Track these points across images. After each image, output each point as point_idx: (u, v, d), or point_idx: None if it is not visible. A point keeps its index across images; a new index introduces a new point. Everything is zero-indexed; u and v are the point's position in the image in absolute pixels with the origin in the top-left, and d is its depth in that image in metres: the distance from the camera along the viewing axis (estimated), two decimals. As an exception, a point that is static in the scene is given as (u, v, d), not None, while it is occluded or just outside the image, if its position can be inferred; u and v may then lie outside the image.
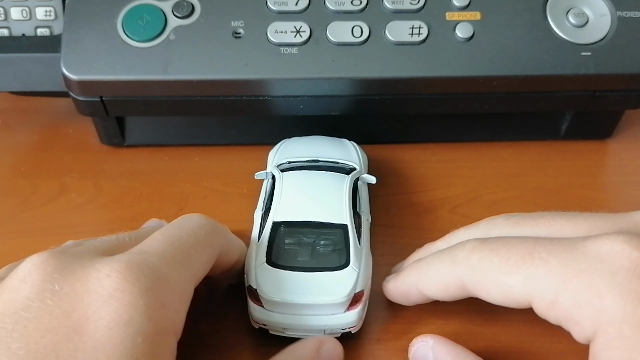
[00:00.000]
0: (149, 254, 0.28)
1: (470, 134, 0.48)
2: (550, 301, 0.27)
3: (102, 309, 0.25)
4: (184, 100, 0.42)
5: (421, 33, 0.41)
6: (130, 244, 0.30)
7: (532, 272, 0.27)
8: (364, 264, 0.34)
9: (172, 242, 0.29)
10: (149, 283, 0.26)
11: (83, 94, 0.42)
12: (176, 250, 0.29)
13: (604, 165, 0.47)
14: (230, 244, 0.34)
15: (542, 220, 0.32)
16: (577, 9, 0.42)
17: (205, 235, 0.31)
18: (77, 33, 0.41)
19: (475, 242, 0.30)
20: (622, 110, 0.47)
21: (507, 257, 0.28)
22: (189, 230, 0.31)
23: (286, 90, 0.42)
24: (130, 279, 0.26)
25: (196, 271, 0.30)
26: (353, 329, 0.34)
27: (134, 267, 0.26)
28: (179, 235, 0.30)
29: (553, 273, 0.27)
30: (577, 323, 0.27)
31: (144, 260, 0.27)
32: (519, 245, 0.29)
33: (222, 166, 0.46)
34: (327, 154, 0.40)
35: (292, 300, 0.32)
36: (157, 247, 0.29)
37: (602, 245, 0.27)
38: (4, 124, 0.51)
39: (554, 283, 0.27)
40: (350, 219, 0.35)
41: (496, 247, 0.29)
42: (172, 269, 0.28)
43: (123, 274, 0.26)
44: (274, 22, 0.41)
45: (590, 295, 0.26)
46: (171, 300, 0.27)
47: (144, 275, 0.26)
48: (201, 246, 0.30)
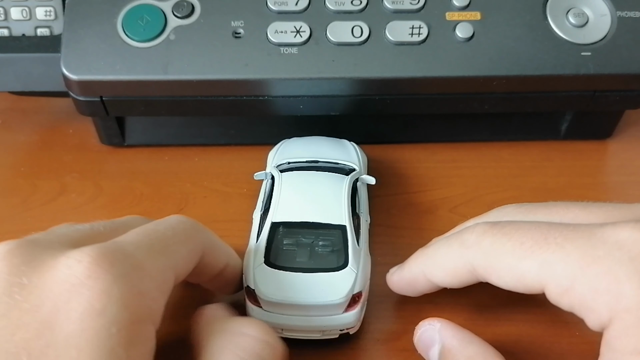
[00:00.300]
0: (123, 242, 0.27)
1: (470, 134, 0.48)
2: (566, 287, 0.26)
3: (73, 300, 0.24)
4: (184, 100, 0.42)
5: (421, 33, 0.41)
6: (104, 235, 0.29)
7: (548, 257, 0.27)
8: (362, 264, 0.34)
9: (148, 234, 0.28)
10: (123, 269, 0.25)
11: (83, 94, 0.42)
12: (153, 241, 0.28)
13: (604, 165, 0.47)
14: (215, 245, 0.32)
15: (556, 208, 0.31)
16: (577, 9, 0.42)
17: (184, 230, 0.30)
18: (77, 33, 0.41)
19: (485, 226, 0.30)
20: (622, 110, 0.47)
21: (521, 242, 0.28)
22: (167, 225, 0.30)
23: (286, 90, 0.42)
24: (103, 265, 0.24)
25: (175, 261, 0.28)
26: (351, 330, 0.34)
27: (108, 253, 0.25)
28: (156, 229, 0.29)
29: (570, 259, 0.26)
30: (592, 310, 0.26)
31: (118, 247, 0.26)
32: (533, 230, 0.28)
33: (222, 166, 0.46)
34: (327, 154, 0.40)
35: (290, 301, 0.32)
36: (133, 237, 0.28)
37: (621, 232, 0.26)
38: (4, 124, 0.51)
39: (571, 269, 0.26)
40: (349, 220, 0.35)
41: (509, 231, 0.29)
42: (149, 256, 0.27)
43: (96, 259, 0.25)
44: (274, 22, 0.41)
45: (608, 281, 0.25)
46: (148, 287, 0.26)
47: (118, 261, 0.25)
48: (180, 239, 0.29)
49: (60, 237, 0.28)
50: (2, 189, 0.45)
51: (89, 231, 0.29)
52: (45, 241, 0.27)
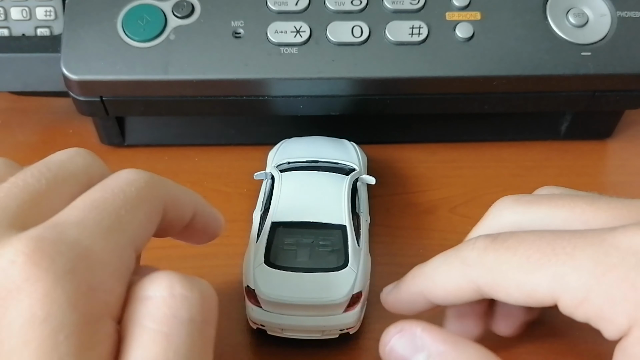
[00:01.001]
0: (65, 225, 0.22)
1: (470, 134, 0.48)
2: (581, 299, 0.25)
3: (12, 308, 0.20)
4: (184, 100, 0.42)
5: (421, 33, 0.41)
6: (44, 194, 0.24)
7: (559, 269, 0.25)
8: (362, 264, 0.34)
9: (95, 206, 0.24)
10: (67, 264, 0.21)
11: (83, 94, 0.42)
12: (101, 215, 0.23)
13: (604, 165, 0.47)
14: (177, 196, 0.28)
15: (561, 202, 0.29)
16: (577, 9, 0.42)
17: (137, 190, 0.25)
18: (77, 33, 0.41)
19: (485, 241, 0.28)
20: (622, 110, 0.47)
21: (527, 255, 0.26)
22: (115, 189, 0.25)
23: (286, 90, 0.42)
24: (42, 264, 0.21)
25: (132, 233, 0.24)
26: (351, 330, 0.34)
27: (47, 245, 0.21)
28: (103, 198, 0.24)
29: (583, 269, 0.25)
30: (610, 320, 0.25)
31: (60, 235, 0.22)
32: (538, 241, 0.26)
33: (222, 166, 0.46)
34: (327, 154, 0.40)
35: (290, 301, 0.32)
36: (76, 215, 0.23)
37: (634, 236, 0.25)
38: (4, 124, 0.51)
39: (585, 279, 0.25)
40: (349, 220, 0.35)
41: (512, 245, 0.27)
42: (98, 237, 0.23)
43: (32, 257, 0.21)
44: (274, 22, 0.41)
45: (625, 289, 0.24)
46: (100, 277, 0.22)
47: (59, 255, 0.21)
48: (134, 204, 0.25)
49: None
50: (2, 189, 0.45)
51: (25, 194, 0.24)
52: None
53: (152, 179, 0.26)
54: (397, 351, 0.26)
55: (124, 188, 0.25)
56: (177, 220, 0.28)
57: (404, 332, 0.26)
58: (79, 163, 0.27)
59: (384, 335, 0.27)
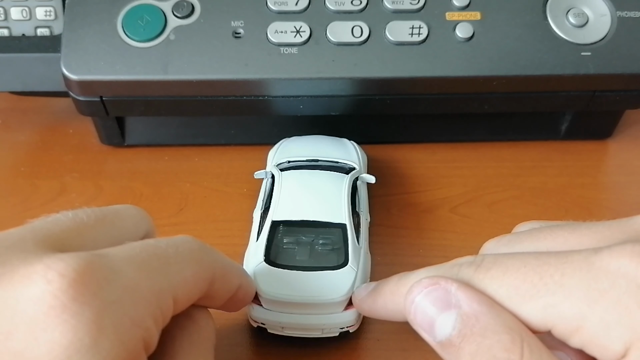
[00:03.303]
0: (114, 256, 0.22)
1: (470, 134, 0.48)
2: (575, 327, 0.24)
3: (54, 328, 0.19)
4: (184, 100, 0.42)
5: (421, 33, 0.41)
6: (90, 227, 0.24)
7: (549, 300, 0.24)
8: (362, 263, 0.34)
9: (145, 249, 0.24)
10: (114, 293, 0.20)
11: (83, 94, 0.42)
12: (150, 257, 0.23)
13: (604, 165, 0.47)
14: (226, 268, 0.28)
15: (542, 234, 0.28)
16: (577, 9, 0.42)
17: (190, 250, 0.25)
18: (77, 33, 0.41)
19: (469, 269, 0.25)
20: (622, 110, 0.47)
21: (515, 286, 0.24)
22: (169, 243, 0.25)
23: (286, 90, 0.42)
24: (90, 286, 0.20)
25: (176, 284, 0.24)
26: (351, 328, 0.34)
27: (96, 269, 0.20)
28: (156, 245, 0.24)
29: (574, 297, 0.24)
30: (605, 347, 0.24)
31: (108, 263, 0.21)
32: (523, 269, 0.24)
33: (222, 166, 0.46)
34: (327, 153, 0.40)
35: (290, 299, 0.32)
36: (126, 252, 0.23)
37: (620, 258, 0.24)
38: (4, 124, 0.51)
39: (578, 308, 0.23)
40: (349, 219, 0.35)
41: (496, 275, 0.25)
42: (144, 275, 0.22)
43: (82, 276, 0.20)
44: (274, 22, 0.41)
45: (619, 314, 0.23)
46: (142, 314, 0.21)
47: (107, 282, 0.20)
48: (184, 259, 0.25)
49: (37, 231, 0.23)
50: (2, 189, 0.45)
51: (71, 222, 0.24)
52: (15, 238, 0.22)
53: (206, 247, 0.27)
54: (425, 307, 0.25)
55: (178, 244, 0.25)
56: (224, 291, 0.28)
57: (436, 287, 0.25)
58: (132, 214, 0.27)
59: (414, 287, 0.25)
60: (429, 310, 0.25)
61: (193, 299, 0.25)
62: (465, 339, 0.24)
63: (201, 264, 0.26)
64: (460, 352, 0.24)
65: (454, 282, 0.24)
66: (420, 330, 0.25)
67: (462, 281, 0.25)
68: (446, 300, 0.24)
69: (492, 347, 0.23)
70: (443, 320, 0.24)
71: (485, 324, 0.24)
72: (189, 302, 0.25)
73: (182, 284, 0.24)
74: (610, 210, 0.43)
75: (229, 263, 0.29)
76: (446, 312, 0.24)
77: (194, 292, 0.25)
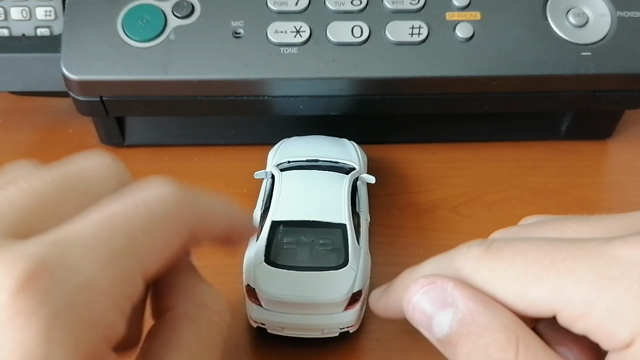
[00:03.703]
0: (70, 243, 0.20)
1: (470, 134, 0.48)
2: (581, 312, 0.24)
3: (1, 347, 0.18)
4: (184, 100, 0.42)
5: (421, 33, 0.41)
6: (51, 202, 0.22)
7: (559, 283, 0.24)
8: (362, 263, 0.34)
9: (109, 223, 0.21)
10: (66, 296, 0.19)
11: (83, 94, 0.42)
12: (113, 235, 0.21)
13: (604, 165, 0.47)
14: (210, 211, 0.26)
15: (551, 226, 0.28)
16: (577, 9, 0.42)
17: (163, 209, 0.23)
18: (77, 33, 0.41)
19: (478, 250, 0.26)
20: (622, 110, 0.47)
21: (525, 267, 0.24)
22: (138, 204, 0.22)
23: (286, 90, 0.42)
24: (37, 295, 0.18)
25: (144, 259, 0.22)
26: (351, 329, 0.34)
27: (45, 272, 0.19)
28: (122, 213, 0.22)
29: (584, 282, 0.24)
30: (611, 334, 0.24)
31: (60, 257, 0.19)
32: (535, 252, 0.25)
33: (222, 166, 0.46)
34: (327, 153, 0.40)
35: (290, 300, 0.32)
36: (85, 232, 0.21)
37: (633, 248, 0.24)
38: (4, 124, 0.51)
39: (587, 293, 0.23)
40: (349, 219, 0.35)
41: (507, 256, 0.25)
42: (104, 263, 0.20)
43: (27, 287, 0.18)
44: (274, 22, 0.41)
45: (628, 302, 0.23)
46: (102, 312, 0.20)
47: (57, 285, 0.19)
48: (155, 225, 0.22)
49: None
50: (2, 189, 0.45)
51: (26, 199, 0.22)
52: None
53: (184, 197, 0.24)
54: (423, 306, 0.25)
55: (149, 204, 0.22)
56: (207, 238, 0.26)
57: (433, 286, 0.25)
58: (99, 170, 0.24)
59: (411, 287, 0.25)
60: (427, 309, 0.25)
61: (166, 262, 0.23)
62: (462, 338, 0.24)
63: (177, 223, 0.23)
64: (457, 350, 0.24)
65: (450, 281, 0.25)
66: (419, 327, 0.25)
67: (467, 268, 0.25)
68: (443, 299, 0.24)
69: (488, 347, 0.23)
70: (440, 318, 0.24)
71: (481, 323, 0.24)
72: (162, 266, 0.23)
73: (151, 256, 0.22)
74: (610, 210, 0.42)
75: (214, 206, 0.26)
76: (443, 311, 0.24)
77: (167, 256, 0.23)
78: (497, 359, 0.23)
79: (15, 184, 0.22)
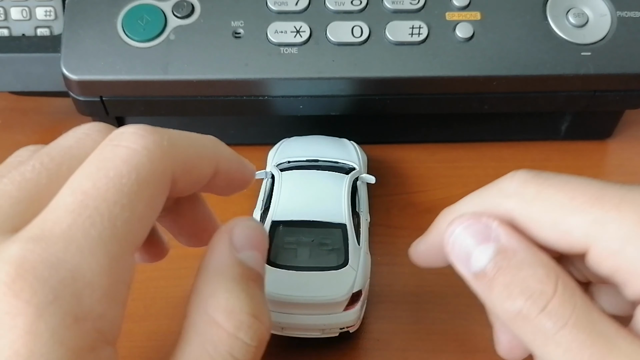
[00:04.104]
0: (50, 239, 0.20)
1: (470, 134, 0.48)
2: (615, 249, 0.24)
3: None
4: (184, 100, 0.42)
5: (421, 33, 0.41)
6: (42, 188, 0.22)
7: (601, 216, 0.24)
8: (362, 263, 0.34)
9: (84, 205, 0.20)
10: (50, 293, 0.19)
11: (83, 94, 0.42)
12: (92, 219, 0.20)
13: (604, 165, 0.47)
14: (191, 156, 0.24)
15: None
16: (577, 9, 0.42)
17: (137, 172, 0.21)
18: (77, 33, 0.41)
19: (527, 175, 0.26)
20: (622, 110, 0.47)
21: (572, 196, 0.24)
22: (109, 174, 0.21)
23: (286, 90, 0.42)
24: (22, 296, 0.19)
25: (128, 235, 0.21)
26: (351, 329, 0.34)
27: (28, 271, 0.19)
28: (94, 189, 0.21)
29: (626, 220, 0.24)
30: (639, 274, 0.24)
31: (42, 255, 0.19)
32: (585, 186, 0.25)
33: (222, 166, 0.46)
34: (327, 153, 0.40)
35: (290, 299, 0.32)
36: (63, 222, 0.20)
37: None
38: (4, 124, 0.51)
39: (625, 230, 0.23)
40: (349, 219, 0.35)
41: (556, 183, 0.25)
42: (87, 252, 0.20)
43: (12, 288, 0.19)
44: (274, 22, 0.41)
45: None
46: (89, 303, 0.20)
47: (41, 283, 0.19)
48: (132, 193, 0.21)
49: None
50: (2, 189, 0.45)
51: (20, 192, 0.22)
52: None
53: (159, 148, 0.22)
54: (464, 239, 0.25)
55: (121, 171, 0.21)
56: (192, 185, 0.25)
57: (478, 221, 0.25)
58: (88, 147, 0.23)
59: (455, 221, 0.25)
60: (467, 242, 0.25)
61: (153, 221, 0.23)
62: (500, 271, 0.24)
63: (156, 181, 0.22)
64: (494, 282, 0.24)
65: (495, 219, 0.25)
66: (456, 261, 0.25)
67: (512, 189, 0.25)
68: (486, 234, 0.24)
69: (526, 279, 0.23)
70: (480, 252, 0.24)
71: (522, 258, 0.24)
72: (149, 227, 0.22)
73: (135, 228, 0.21)
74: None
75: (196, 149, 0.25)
76: (484, 244, 0.24)
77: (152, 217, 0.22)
78: (536, 289, 0.23)
79: (9, 176, 0.22)
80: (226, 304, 0.23)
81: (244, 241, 0.25)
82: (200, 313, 0.23)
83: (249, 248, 0.25)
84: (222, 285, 0.24)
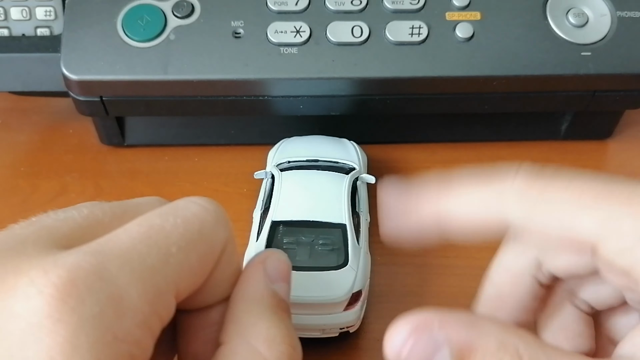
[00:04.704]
0: (108, 255, 0.20)
1: (470, 134, 0.48)
2: (629, 245, 0.23)
3: (30, 347, 0.18)
4: (184, 100, 0.42)
5: (421, 33, 0.41)
6: (104, 225, 0.23)
7: (613, 213, 0.23)
8: (362, 263, 0.34)
9: (147, 236, 0.21)
10: (96, 306, 0.19)
11: (83, 94, 0.42)
12: (150, 249, 0.21)
13: (604, 165, 0.47)
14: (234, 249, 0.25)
15: None
16: (577, 9, 0.42)
17: (200, 225, 0.23)
18: (77, 33, 0.41)
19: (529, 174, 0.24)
20: (622, 110, 0.47)
21: (580, 193, 0.23)
22: (177, 219, 0.22)
23: (286, 90, 0.42)
24: (69, 302, 0.18)
25: (176, 277, 0.22)
26: (351, 329, 0.34)
27: (80, 279, 0.19)
28: (160, 227, 0.22)
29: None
30: None
31: (97, 267, 0.20)
32: (593, 181, 0.24)
33: (222, 166, 0.46)
34: (327, 153, 0.40)
35: (290, 300, 0.32)
36: (123, 244, 0.21)
37: None
38: (4, 124, 0.51)
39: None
40: (349, 219, 0.35)
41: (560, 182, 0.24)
42: (137, 278, 0.20)
43: (61, 292, 0.19)
44: (274, 22, 0.41)
45: None
46: (128, 327, 0.20)
47: (89, 294, 0.19)
48: (190, 242, 0.22)
49: (42, 230, 0.22)
50: (2, 189, 0.45)
51: (84, 220, 0.23)
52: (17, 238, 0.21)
53: (222, 217, 0.24)
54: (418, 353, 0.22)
55: (188, 219, 0.23)
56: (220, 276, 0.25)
57: (419, 334, 0.22)
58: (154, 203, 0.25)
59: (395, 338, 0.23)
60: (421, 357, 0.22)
61: (198, 283, 0.23)
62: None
63: (211, 243, 0.23)
64: None
65: (433, 319, 0.22)
66: None
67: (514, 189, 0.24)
68: (434, 344, 0.22)
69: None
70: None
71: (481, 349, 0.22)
72: (194, 286, 0.23)
73: (185, 275, 0.22)
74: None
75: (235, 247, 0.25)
76: (438, 353, 0.22)
77: (199, 277, 0.23)
78: None
79: (78, 209, 0.23)
80: (267, 334, 0.23)
81: (276, 273, 0.26)
82: (241, 342, 0.23)
83: (281, 280, 0.26)
84: (262, 315, 0.24)
